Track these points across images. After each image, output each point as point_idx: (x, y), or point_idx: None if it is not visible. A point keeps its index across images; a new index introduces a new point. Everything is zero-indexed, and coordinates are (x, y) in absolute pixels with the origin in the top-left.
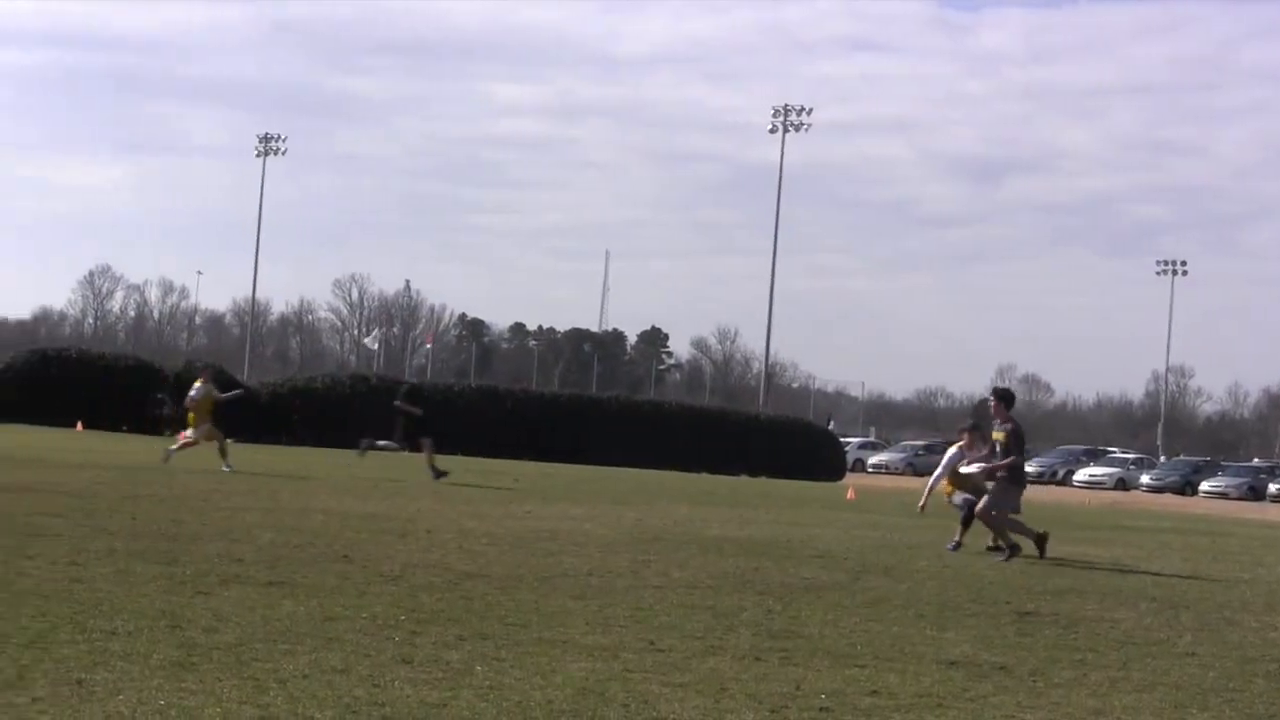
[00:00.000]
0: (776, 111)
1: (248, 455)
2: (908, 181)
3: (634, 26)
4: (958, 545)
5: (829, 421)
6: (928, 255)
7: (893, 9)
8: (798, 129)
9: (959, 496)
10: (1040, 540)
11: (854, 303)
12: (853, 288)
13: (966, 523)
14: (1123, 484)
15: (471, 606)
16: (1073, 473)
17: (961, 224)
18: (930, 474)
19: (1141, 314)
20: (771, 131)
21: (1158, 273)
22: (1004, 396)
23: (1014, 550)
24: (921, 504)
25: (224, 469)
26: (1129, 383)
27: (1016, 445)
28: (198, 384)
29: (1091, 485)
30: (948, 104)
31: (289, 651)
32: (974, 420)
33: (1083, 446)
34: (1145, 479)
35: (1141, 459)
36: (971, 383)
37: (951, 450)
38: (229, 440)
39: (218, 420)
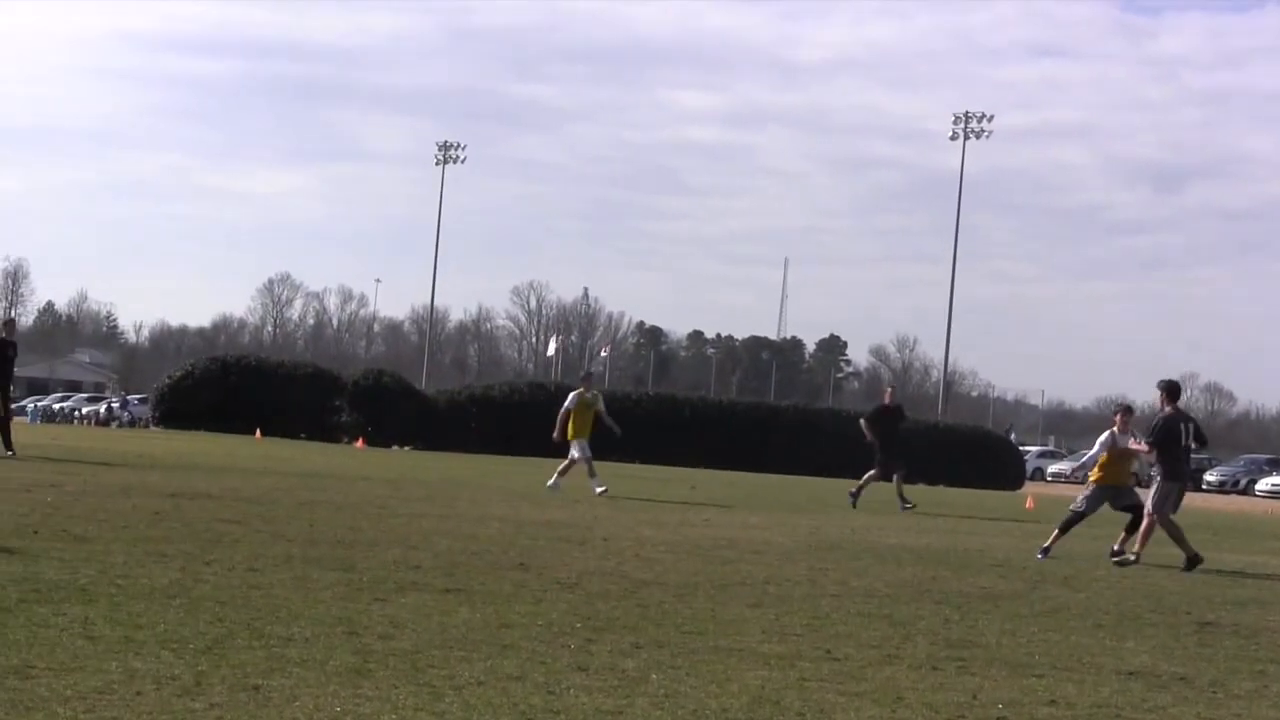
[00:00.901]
0: (957, 118)
1: (425, 462)
2: (1089, 188)
3: (814, 32)
4: (1046, 551)
5: (1009, 430)
6: (1109, 262)
7: (1073, 13)
8: (979, 136)
9: (1080, 497)
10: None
11: (1034, 310)
12: (1033, 295)
13: (1065, 528)
14: None
15: (647, 614)
16: (1255, 482)
17: (1143, 231)
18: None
19: None
20: (952, 139)
21: None
22: (1167, 388)
23: (1192, 560)
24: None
25: (596, 489)
26: None
27: (1159, 434)
28: (574, 393)
29: (1274, 495)
30: (1130, 109)
31: (465, 658)
32: (1128, 403)
33: (1266, 455)
34: None
35: None
36: (1153, 392)
37: (1103, 435)
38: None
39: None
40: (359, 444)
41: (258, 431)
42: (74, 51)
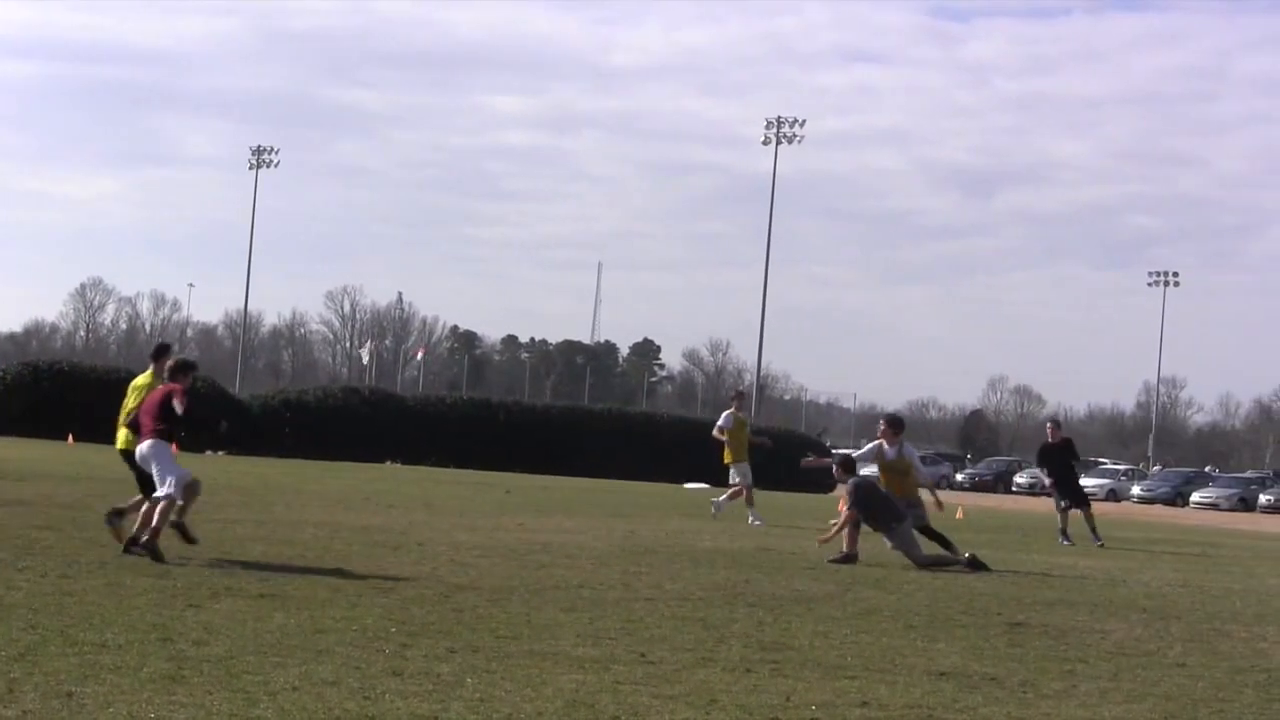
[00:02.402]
0: (769, 123)
1: (239, 467)
2: (903, 193)
3: (629, 38)
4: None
5: (821, 434)
6: (922, 267)
7: (884, 20)
8: (790, 141)
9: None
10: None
11: (848, 314)
12: (847, 299)
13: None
14: (1114, 495)
15: (462, 619)
16: None
17: (956, 235)
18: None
19: (1134, 325)
20: (764, 143)
21: (1149, 283)
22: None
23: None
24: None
25: (752, 522)
26: (1120, 394)
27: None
28: (727, 412)
29: None
30: (942, 115)
31: (279, 664)
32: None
33: None
34: (1136, 490)
35: (1132, 470)
36: (963, 394)
37: (869, 445)
38: None
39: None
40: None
41: (70, 437)
42: None
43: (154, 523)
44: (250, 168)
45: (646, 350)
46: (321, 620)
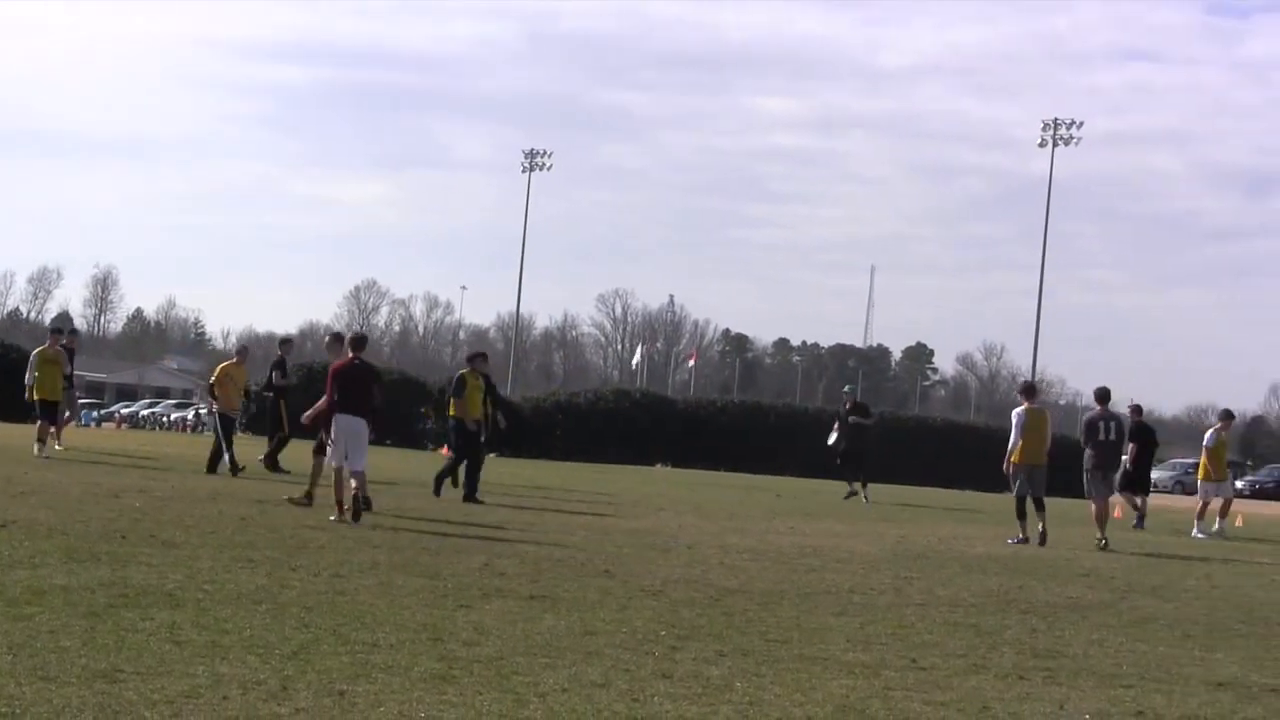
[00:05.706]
0: (1046, 125)
1: (511, 469)
2: (1181, 195)
3: (898, 38)
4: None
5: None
6: (1201, 269)
7: (1160, 18)
8: (1067, 143)
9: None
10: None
11: (1123, 317)
12: (1124, 303)
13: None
14: None
15: (732, 622)
16: None
17: (1236, 237)
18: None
19: None
20: (1041, 145)
21: None
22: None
23: None
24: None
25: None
26: None
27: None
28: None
29: None
30: (1220, 114)
31: (549, 665)
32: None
33: None
34: None
35: None
36: (1244, 399)
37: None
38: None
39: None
40: (444, 451)
41: None
42: (162, 60)
43: None
44: (523, 171)
45: (919, 354)
46: (591, 622)
